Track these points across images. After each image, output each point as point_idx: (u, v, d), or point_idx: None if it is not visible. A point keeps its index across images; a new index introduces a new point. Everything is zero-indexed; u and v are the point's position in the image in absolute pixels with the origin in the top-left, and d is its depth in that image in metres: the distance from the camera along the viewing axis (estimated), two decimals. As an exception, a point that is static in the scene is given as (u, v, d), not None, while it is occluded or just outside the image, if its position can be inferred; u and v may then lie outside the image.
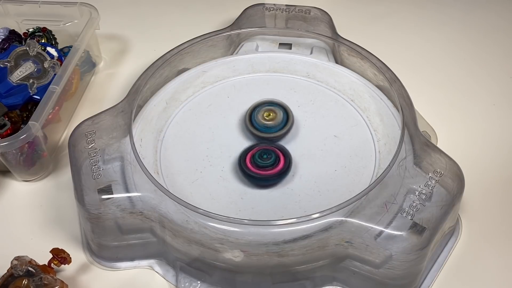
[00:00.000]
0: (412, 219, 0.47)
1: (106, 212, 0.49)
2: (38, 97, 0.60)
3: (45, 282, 0.47)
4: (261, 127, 0.55)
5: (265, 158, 0.52)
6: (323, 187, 0.51)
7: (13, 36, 0.68)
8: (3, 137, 0.57)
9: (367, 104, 0.58)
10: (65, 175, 0.60)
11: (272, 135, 0.54)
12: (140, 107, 0.58)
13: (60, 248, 0.50)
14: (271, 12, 0.67)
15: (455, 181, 0.49)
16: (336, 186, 0.51)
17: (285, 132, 0.55)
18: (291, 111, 0.56)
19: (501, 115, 0.65)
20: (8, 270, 0.49)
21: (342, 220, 0.47)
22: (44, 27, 0.68)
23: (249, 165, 0.52)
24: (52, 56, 0.63)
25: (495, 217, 0.55)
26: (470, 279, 0.52)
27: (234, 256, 0.47)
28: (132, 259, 0.53)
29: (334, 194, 0.50)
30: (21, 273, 0.48)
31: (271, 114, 0.55)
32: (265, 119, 0.55)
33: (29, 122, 0.56)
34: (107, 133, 0.54)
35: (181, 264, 0.51)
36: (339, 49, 0.63)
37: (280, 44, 0.66)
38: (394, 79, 0.58)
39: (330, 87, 0.60)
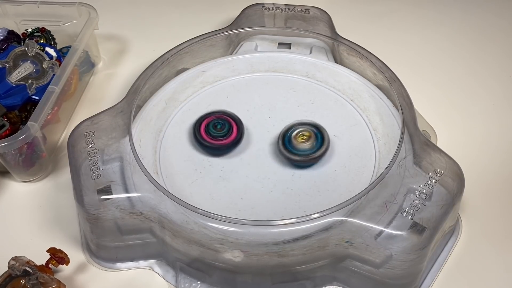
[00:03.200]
0: (412, 219, 0.47)
1: (105, 213, 0.49)
2: (37, 98, 0.60)
3: (41, 281, 0.47)
4: (298, 150, 0.52)
5: (218, 128, 0.53)
6: (323, 187, 0.51)
7: (11, 37, 0.68)
8: (2, 137, 0.56)
9: (367, 103, 0.58)
10: (64, 175, 0.60)
11: (309, 157, 0.52)
12: (139, 107, 0.58)
13: (57, 248, 0.50)
14: (270, 11, 0.67)
15: (455, 181, 0.49)
16: (336, 186, 0.51)
17: (323, 152, 0.52)
18: (326, 132, 0.53)
19: (501, 114, 0.65)
20: (7, 271, 0.49)
21: (342, 220, 0.47)
22: (43, 27, 0.68)
23: (203, 135, 0.53)
24: (51, 57, 0.63)
25: (495, 216, 0.55)
26: (470, 278, 0.52)
27: (234, 256, 0.47)
28: (131, 259, 0.53)
29: (334, 194, 0.50)
30: (18, 273, 0.48)
31: (305, 135, 0.53)
32: (300, 142, 0.53)
33: (28, 122, 0.56)
34: (106, 133, 0.54)
35: (181, 264, 0.51)
36: (338, 48, 0.63)
37: (279, 43, 0.66)
38: (393, 79, 0.58)
39: (330, 86, 0.59)
